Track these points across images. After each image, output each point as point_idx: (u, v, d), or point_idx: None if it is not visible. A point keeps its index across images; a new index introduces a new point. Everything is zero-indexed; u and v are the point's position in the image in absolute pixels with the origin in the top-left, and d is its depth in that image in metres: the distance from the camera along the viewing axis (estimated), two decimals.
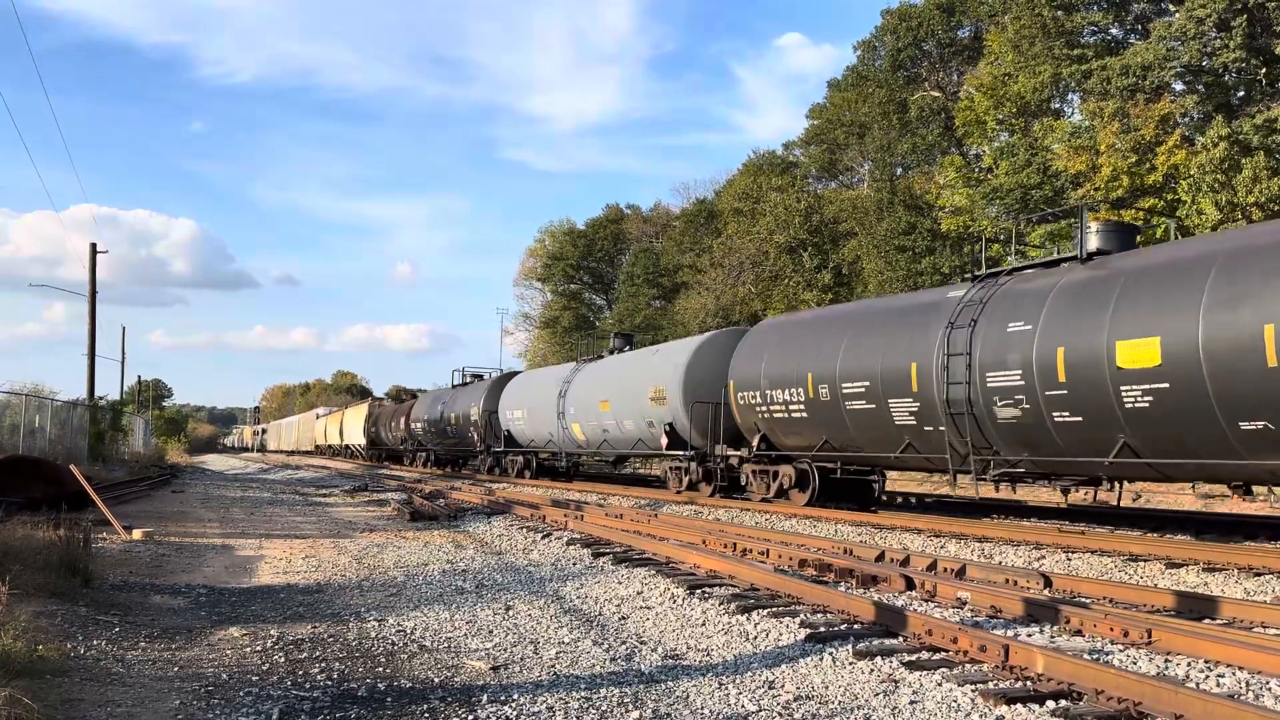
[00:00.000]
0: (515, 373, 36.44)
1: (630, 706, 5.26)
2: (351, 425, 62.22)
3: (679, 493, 21.46)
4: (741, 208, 48.08)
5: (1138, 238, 14.41)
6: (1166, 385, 11.11)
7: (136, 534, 13.29)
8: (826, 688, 5.64)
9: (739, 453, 19.69)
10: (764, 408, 18.22)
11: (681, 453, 21.53)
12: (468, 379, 39.92)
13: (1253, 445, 10.50)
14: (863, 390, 15.82)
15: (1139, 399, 11.39)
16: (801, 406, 17.24)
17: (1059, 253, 16.58)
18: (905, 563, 10.10)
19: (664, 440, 21.66)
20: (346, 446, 65.49)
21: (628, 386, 23.54)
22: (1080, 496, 15.30)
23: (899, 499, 20.68)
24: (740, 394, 18.99)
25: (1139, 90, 27.15)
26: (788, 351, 18.01)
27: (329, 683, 5.75)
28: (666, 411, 21.49)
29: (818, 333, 17.67)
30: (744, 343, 20.02)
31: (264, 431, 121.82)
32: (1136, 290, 11.78)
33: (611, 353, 27.83)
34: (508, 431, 31.60)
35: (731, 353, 20.19)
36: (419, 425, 43.05)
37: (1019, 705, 5.12)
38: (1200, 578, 9.74)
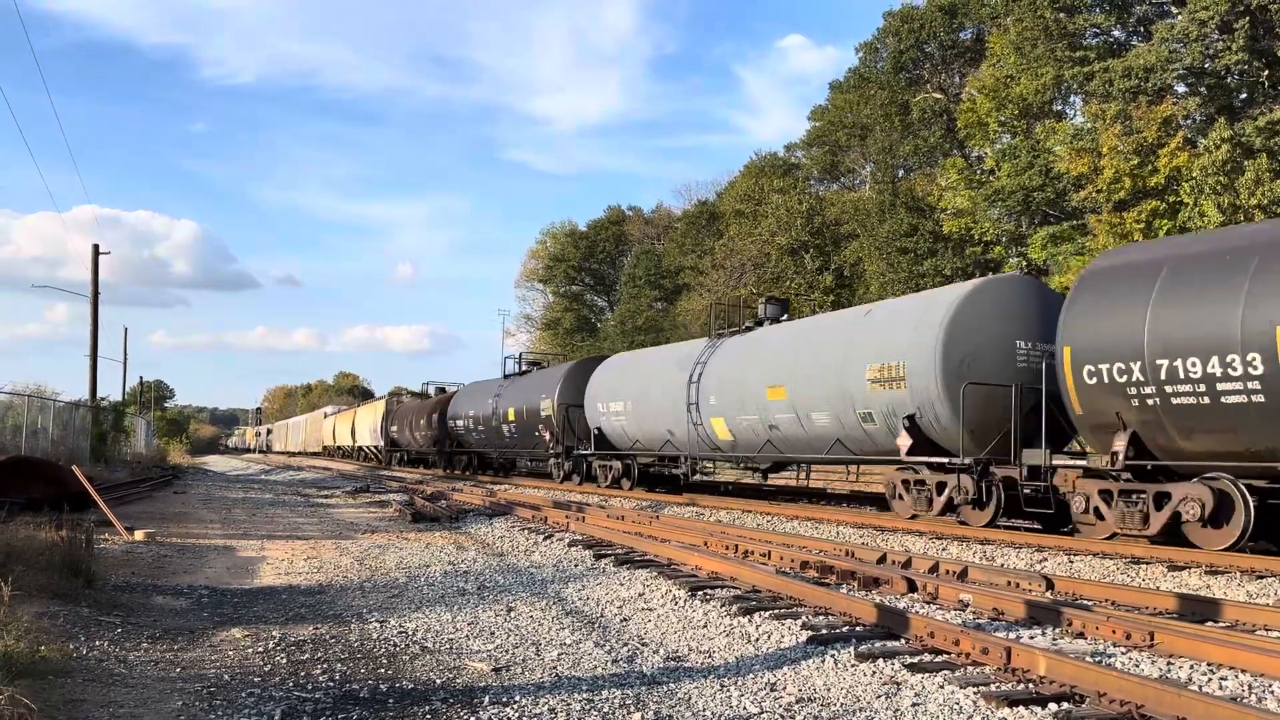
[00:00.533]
0: (601, 357, 30.03)
1: (632, 708, 5.26)
2: (364, 425, 57.76)
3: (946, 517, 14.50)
4: (743, 209, 48.12)
5: None
6: None
7: (138, 535, 13.30)
8: (828, 690, 5.64)
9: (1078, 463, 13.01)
10: (1149, 389, 11.51)
11: (937, 460, 14.56)
12: (524, 366, 34.29)
13: None
14: None
15: None
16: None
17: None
18: (907, 565, 10.09)
19: (903, 441, 14.86)
20: (359, 449, 61.02)
21: (822, 362, 16.93)
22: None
23: None
24: (1089, 367, 12.17)
25: (1141, 92, 27.16)
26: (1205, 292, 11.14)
27: (331, 684, 5.75)
28: (905, 398, 14.93)
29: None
30: (1089, 282, 12.77)
31: (269, 432, 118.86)
32: None
33: (762, 322, 20.79)
34: (598, 430, 25.48)
35: (1030, 303, 14.59)
36: (462, 423, 36.94)
37: (1021, 707, 5.11)
38: (1202, 580, 9.74)
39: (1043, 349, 14.13)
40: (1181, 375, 11.21)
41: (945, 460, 14.34)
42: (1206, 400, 10.99)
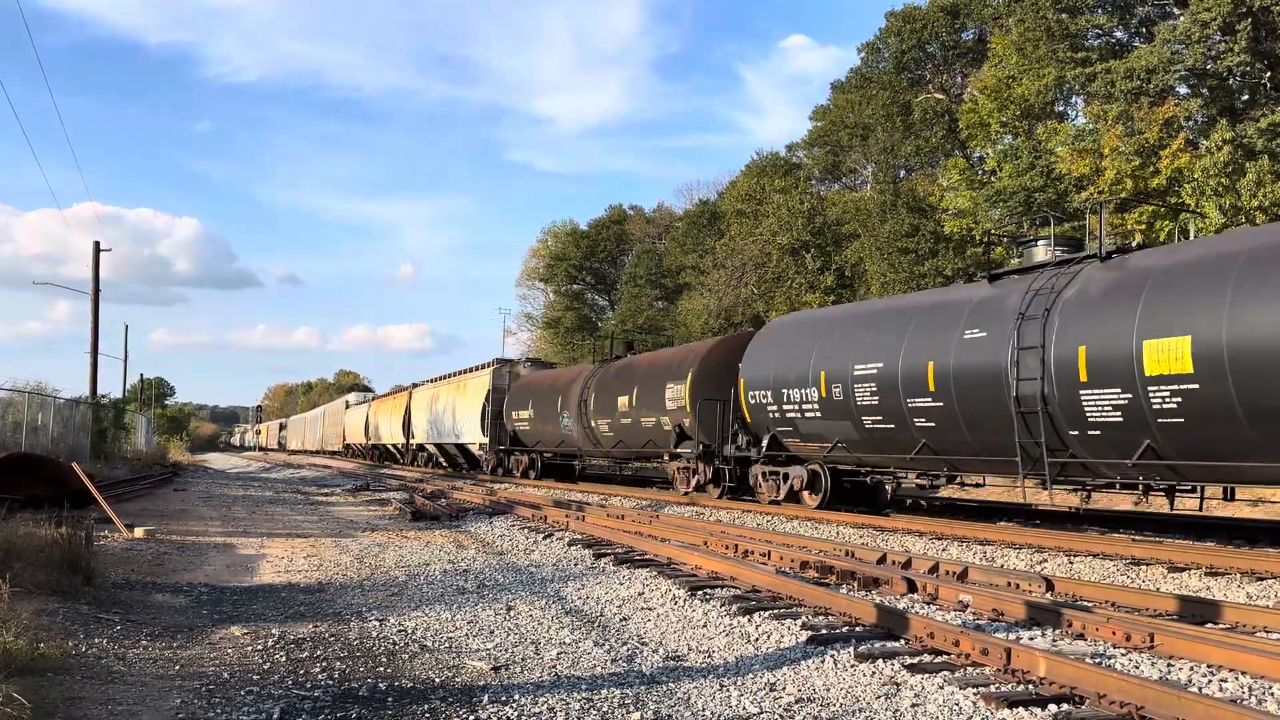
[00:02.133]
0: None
1: (631, 707, 5.26)
2: (440, 411, 39.56)
3: None
4: (744, 209, 48.08)
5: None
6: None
7: (138, 532, 13.30)
8: (828, 690, 5.63)
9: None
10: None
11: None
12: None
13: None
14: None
15: None
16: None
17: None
18: (907, 565, 10.09)
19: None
20: (420, 448, 43.62)
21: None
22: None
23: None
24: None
25: (1143, 93, 27.14)
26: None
27: (330, 682, 5.75)
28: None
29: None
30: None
31: (282, 428, 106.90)
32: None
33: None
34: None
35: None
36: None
37: (1021, 708, 5.11)
38: (1202, 582, 9.73)
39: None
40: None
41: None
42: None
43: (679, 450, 21.81)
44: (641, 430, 23.38)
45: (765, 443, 18.42)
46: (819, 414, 16.87)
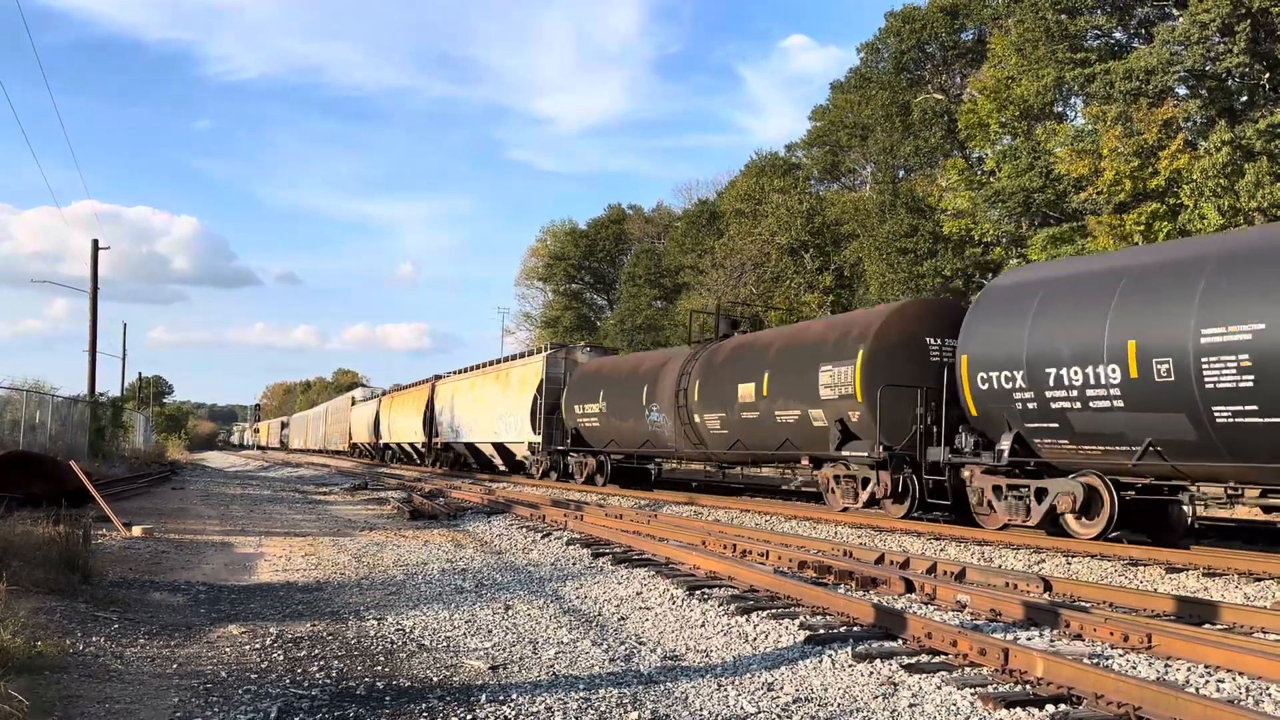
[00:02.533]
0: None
1: (629, 707, 5.26)
2: (470, 405, 34.20)
3: None
4: (743, 209, 48.11)
5: None
6: None
7: (136, 531, 13.29)
8: (825, 690, 5.63)
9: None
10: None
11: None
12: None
13: None
14: None
15: None
16: None
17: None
18: (905, 565, 10.09)
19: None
20: (446, 448, 38.09)
21: None
22: None
23: None
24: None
25: (1142, 94, 27.15)
26: None
27: (328, 681, 5.75)
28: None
29: None
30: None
31: (285, 426, 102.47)
32: None
33: None
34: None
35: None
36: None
37: (1018, 709, 5.11)
38: (1200, 583, 9.74)
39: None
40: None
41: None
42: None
43: (844, 453, 16.45)
44: (776, 427, 18.04)
45: (1006, 445, 13.19)
46: (1118, 403, 11.59)
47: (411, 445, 44.21)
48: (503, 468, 33.68)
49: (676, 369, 21.89)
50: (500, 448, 32.53)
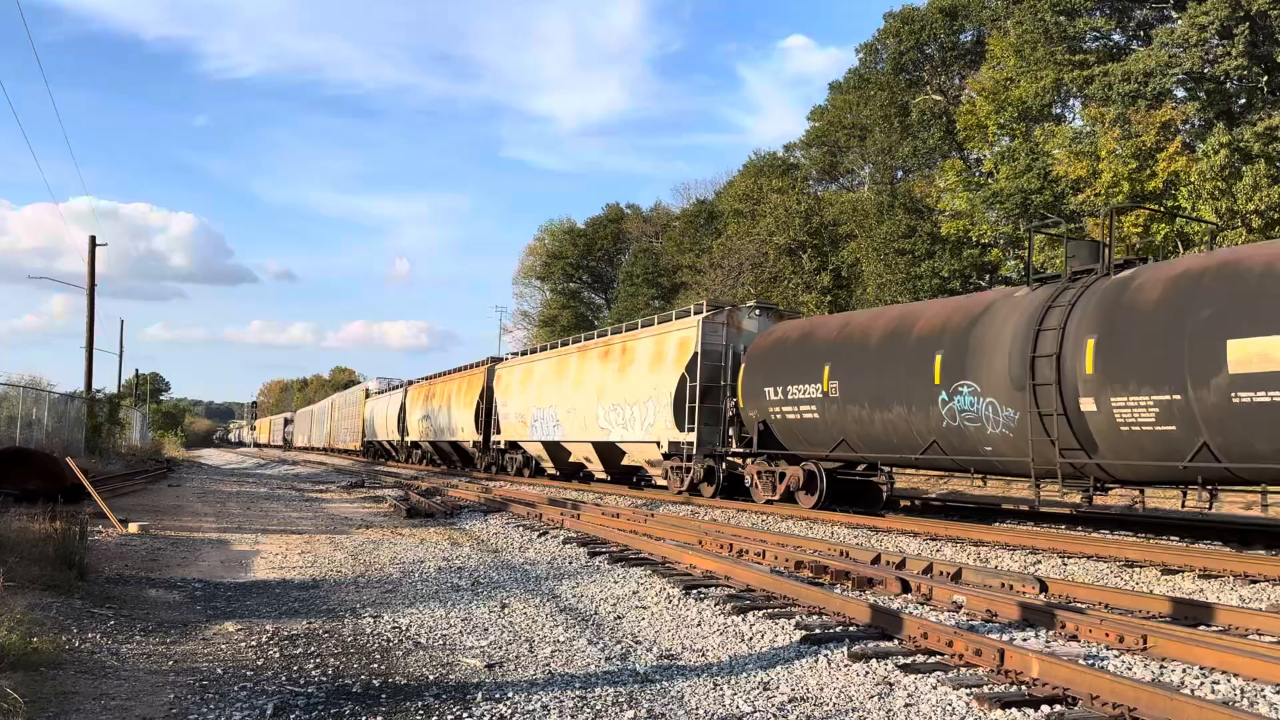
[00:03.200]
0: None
1: (625, 706, 5.26)
2: (576, 391, 25.28)
3: None
4: (741, 209, 48.13)
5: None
6: None
7: (133, 528, 13.28)
8: (821, 689, 5.64)
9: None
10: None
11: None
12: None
13: None
14: None
15: None
16: None
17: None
18: (901, 565, 10.10)
19: None
20: (511, 448, 30.26)
21: None
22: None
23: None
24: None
25: (1140, 96, 27.18)
26: None
27: (324, 678, 5.75)
28: None
29: None
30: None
31: (288, 423, 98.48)
32: None
33: None
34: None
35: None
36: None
37: (1014, 709, 5.12)
38: (1196, 584, 9.75)
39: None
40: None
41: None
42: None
43: None
44: None
45: None
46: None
47: (453, 445, 36.45)
48: (602, 475, 25.63)
49: (1023, 321, 13.59)
50: (608, 449, 24.10)
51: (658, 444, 21.36)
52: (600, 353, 24.84)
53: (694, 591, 8.57)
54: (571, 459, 26.98)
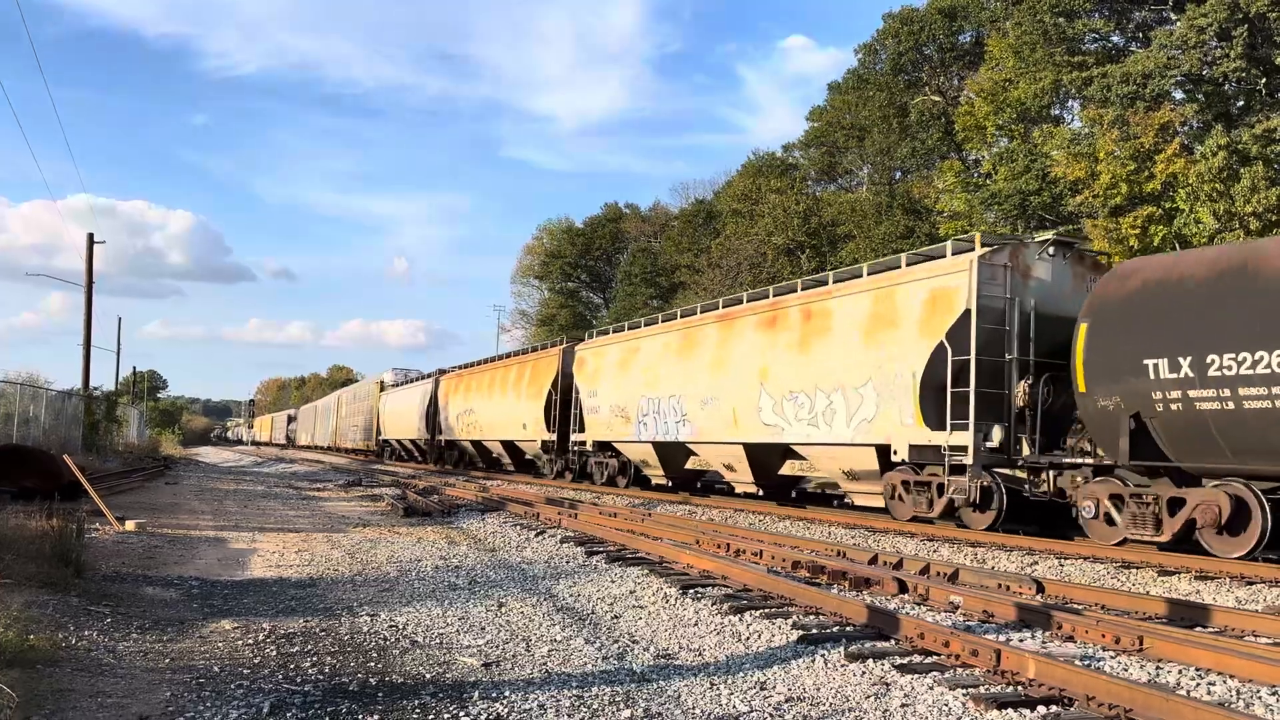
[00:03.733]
0: None
1: (622, 705, 5.26)
2: (719, 375, 18.83)
3: None
4: (740, 209, 48.15)
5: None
6: None
7: (129, 525, 13.27)
8: (818, 689, 5.64)
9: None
10: None
11: None
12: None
13: None
14: None
15: None
16: None
17: None
18: (898, 566, 10.11)
19: None
20: (603, 448, 23.88)
21: None
22: None
23: None
24: None
25: (1139, 98, 27.21)
26: None
27: (321, 677, 5.74)
28: None
29: None
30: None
31: (290, 420, 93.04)
32: None
33: None
34: None
35: None
36: None
37: (1010, 710, 5.12)
38: (1192, 586, 9.76)
39: None
40: None
41: None
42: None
43: None
44: None
45: None
46: None
47: (509, 445, 30.05)
48: (750, 489, 19.23)
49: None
50: (768, 454, 18.48)
51: (882, 448, 14.93)
52: (762, 320, 18.13)
53: (691, 591, 8.57)
54: (697, 465, 21.47)
